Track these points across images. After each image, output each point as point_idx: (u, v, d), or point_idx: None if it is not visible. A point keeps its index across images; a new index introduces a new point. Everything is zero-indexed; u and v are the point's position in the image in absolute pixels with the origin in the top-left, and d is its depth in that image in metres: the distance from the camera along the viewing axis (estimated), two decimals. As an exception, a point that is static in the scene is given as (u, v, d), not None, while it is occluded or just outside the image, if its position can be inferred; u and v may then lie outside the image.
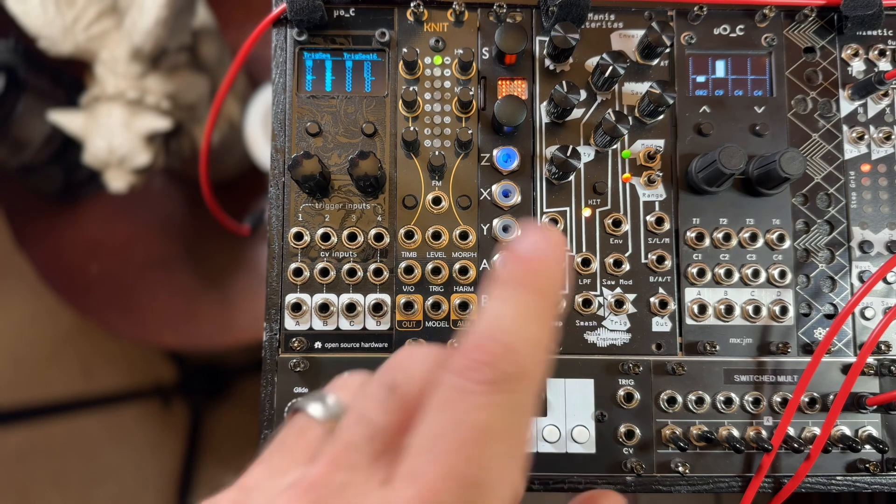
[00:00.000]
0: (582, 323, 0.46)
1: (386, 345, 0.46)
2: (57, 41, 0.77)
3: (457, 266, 0.46)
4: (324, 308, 0.45)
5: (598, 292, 0.47)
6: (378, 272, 0.46)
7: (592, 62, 0.48)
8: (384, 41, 0.48)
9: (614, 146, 0.48)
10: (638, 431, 0.45)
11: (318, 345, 0.46)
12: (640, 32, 0.48)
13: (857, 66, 0.49)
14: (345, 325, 0.46)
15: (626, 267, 0.47)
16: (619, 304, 0.46)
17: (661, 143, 0.48)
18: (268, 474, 0.27)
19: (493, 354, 0.24)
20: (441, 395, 0.24)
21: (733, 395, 0.46)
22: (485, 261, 0.47)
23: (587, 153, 0.48)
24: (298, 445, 0.27)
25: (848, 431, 0.46)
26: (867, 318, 0.47)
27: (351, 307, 0.45)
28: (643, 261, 0.47)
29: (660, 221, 0.47)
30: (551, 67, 0.48)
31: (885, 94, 0.48)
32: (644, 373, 0.46)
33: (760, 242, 0.47)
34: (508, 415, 0.23)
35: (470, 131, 0.46)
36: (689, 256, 0.47)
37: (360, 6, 0.48)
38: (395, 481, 0.23)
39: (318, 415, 0.28)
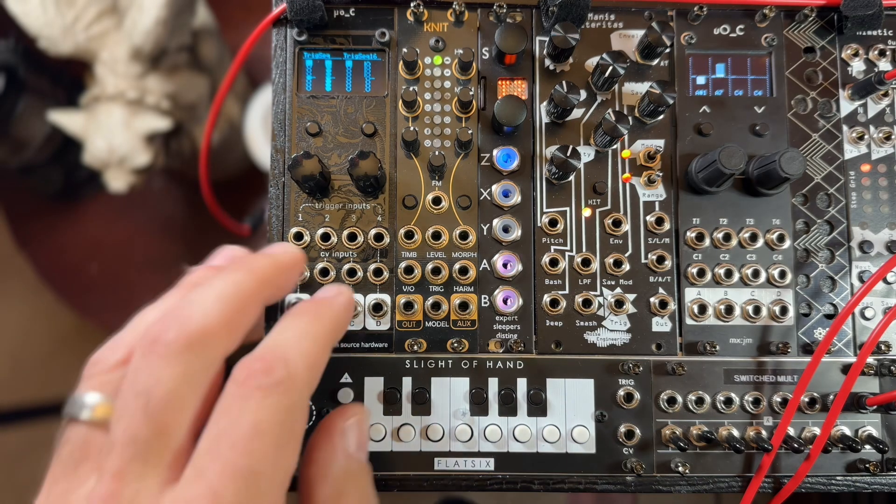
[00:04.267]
0: (582, 323, 0.46)
1: (386, 345, 0.46)
2: (57, 41, 0.77)
3: (457, 266, 0.46)
4: (324, 308, 0.45)
5: (598, 292, 0.47)
6: (378, 272, 0.46)
7: (592, 62, 0.48)
8: (384, 41, 0.48)
9: (614, 146, 0.48)
10: (638, 431, 0.45)
11: (318, 345, 0.46)
12: (640, 32, 0.48)
13: (857, 66, 0.49)
14: (345, 325, 0.46)
15: (626, 267, 0.47)
16: (619, 304, 0.46)
17: (661, 143, 0.48)
18: (69, 489, 0.29)
19: (270, 363, 0.29)
20: (223, 403, 0.29)
21: (733, 395, 0.46)
22: (485, 261, 0.47)
23: (587, 153, 0.48)
24: (87, 456, 0.30)
25: (848, 431, 0.46)
26: (867, 318, 0.47)
27: (351, 307, 0.45)
28: (643, 261, 0.47)
29: (660, 221, 0.47)
30: (551, 67, 0.48)
31: (885, 94, 0.48)
32: (644, 373, 0.46)
33: (760, 242, 0.47)
34: (280, 413, 0.28)
35: (470, 131, 0.46)
36: (689, 256, 0.47)
37: (360, 6, 0.48)
38: (182, 481, 0.27)
39: (93, 419, 0.30)
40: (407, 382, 0.46)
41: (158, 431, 0.28)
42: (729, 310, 0.46)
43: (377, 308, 0.46)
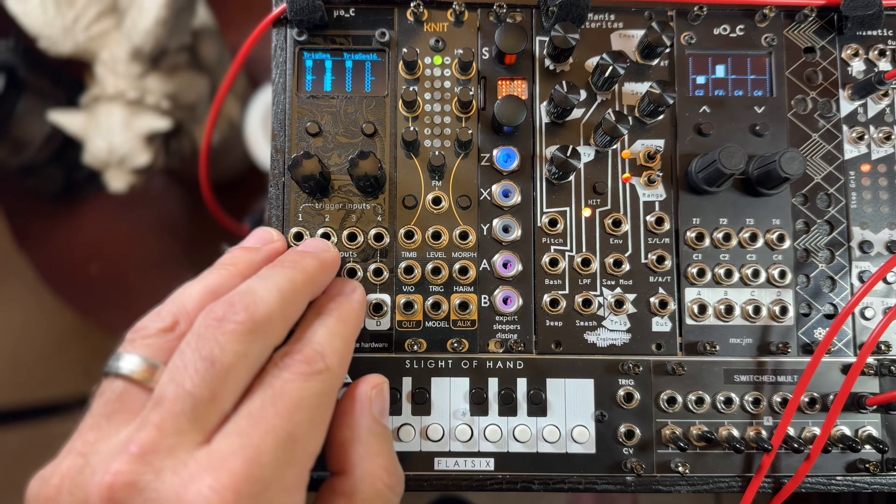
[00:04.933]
0: (582, 323, 0.46)
1: (386, 345, 0.46)
2: (57, 41, 0.77)
3: (457, 266, 0.46)
4: (324, 308, 0.45)
5: (598, 292, 0.47)
6: (378, 272, 0.46)
7: (592, 62, 0.48)
8: (384, 41, 0.48)
9: (614, 146, 0.48)
10: (638, 431, 0.45)
11: (318, 345, 0.46)
12: (640, 32, 0.48)
13: (857, 66, 0.49)
14: (345, 325, 0.46)
15: (626, 267, 0.47)
16: (619, 304, 0.46)
17: (661, 143, 0.48)
18: (99, 439, 0.31)
19: (309, 356, 0.33)
20: (266, 381, 0.32)
21: (733, 395, 0.46)
22: (485, 261, 0.47)
23: (587, 153, 0.48)
24: (122, 409, 0.31)
25: (848, 431, 0.46)
26: (867, 318, 0.47)
27: (351, 307, 0.45)
28: (643, 261, 0.47)
29: (660, 221, 0.47)
30: (551, 67, 0.48)
31: (885, 94, 0.48)
32: (644, 373, 0.46)
33: (760, 242, 0.47)
34: (318, 395, 0.33)
35: (470, 131, 0.46)
36: (689, 256, 0.47)
37: (360, 6, 0.48)
38: (220, 438, 0.30)
39: (133, 376, 0.32)
40: (407, 382, 0.46)
41: (212, 396, 0.30)
42: (729, 310, 0.46)
43: (377, 308, 0.46)
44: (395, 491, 0.36)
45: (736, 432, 0.45)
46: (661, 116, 0.48)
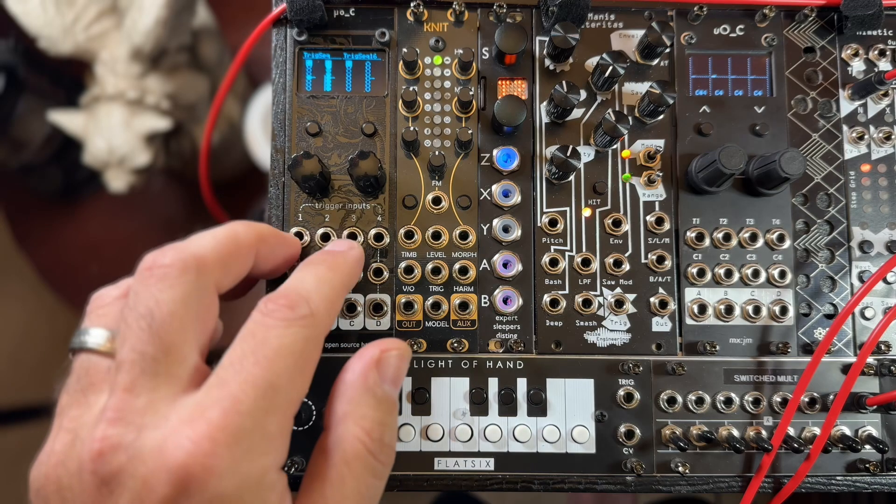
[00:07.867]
0: (582, 323, 0.46)
1: (386, 345, 0.46)
2: (57, 41, 0.77)
3: (457, 266, 0.46)
4: (324, 308, 0.45)
5: (598, 292, 0.47)
6: (378, 272, 0.46)
7: (592, 62, 0.48)
8: (384, 41, 0.48)
9: (614, 146, 0.48)
10: (638, 431, 0.45)
11: (318, 345, 0.46)
12: (640, 32, 0.48)
13: (857, 66, 0.49)
14: (344, 324, 0.46)
15: (626, 267, 0.47)
16: (619, 304, 0.46)
17: (661, 143, 0.48)
18: (82, 412, 0.31)
19: (294, 301, 0.33)
20: (248, 328, 0.32)
21: (733, 395, 0.46)
22: (485, 261, 0.47)
23: (587, 153, 0.48)
24: (95, 380, 0.32)
25: (848, 431, 0.46)
26: (867, 318, 0.47)
27: (351, 307, 0.45)
28: (643, 261, 0.47)
29: (660, 221, 0.47)
30: (551, 67, 0.48)
31: (885, 94, 0.48)
32: (644, 373, 0.46)
33: (760, 242, 0.47)
34: (301, 342, 0.32)
35: (470, 131, 0.46)
36: (689, 256, 0.47)
37: (360, 6, 0.48)
38: (203, 390, 0.30)
39: (97, 348, 0.33)
40: (407, 382, 0.46)
41: (166, 349, 0.30)
42: (729, 310, 0.46)
43: (377, 308, 0.46)
44: (378, 459, 0.34)
45: (736, 432, 0.45)
46: (661, 116, 0.48)
